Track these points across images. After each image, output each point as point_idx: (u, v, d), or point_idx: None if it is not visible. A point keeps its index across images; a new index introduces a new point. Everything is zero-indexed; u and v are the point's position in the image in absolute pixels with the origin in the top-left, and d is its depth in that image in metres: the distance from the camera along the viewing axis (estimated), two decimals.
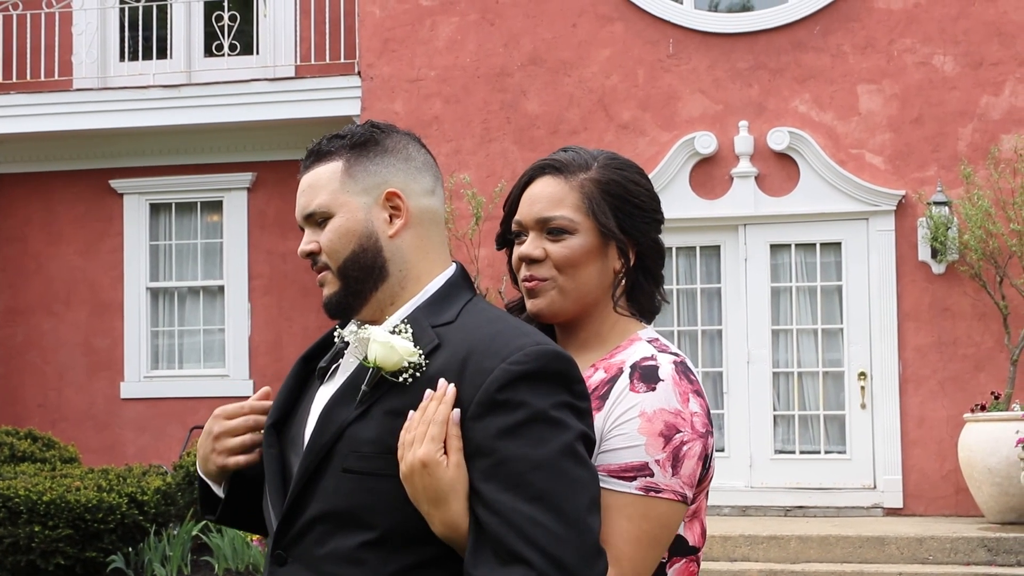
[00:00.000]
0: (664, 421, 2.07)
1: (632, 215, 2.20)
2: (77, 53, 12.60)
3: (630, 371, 2.11)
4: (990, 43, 10.56)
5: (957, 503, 10.28)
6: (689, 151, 10.88)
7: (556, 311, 2.20)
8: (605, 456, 2.06)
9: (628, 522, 2.03)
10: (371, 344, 1.97)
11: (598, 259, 2.19)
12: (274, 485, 2.09)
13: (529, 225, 2.21)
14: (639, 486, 2.05)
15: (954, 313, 10.44)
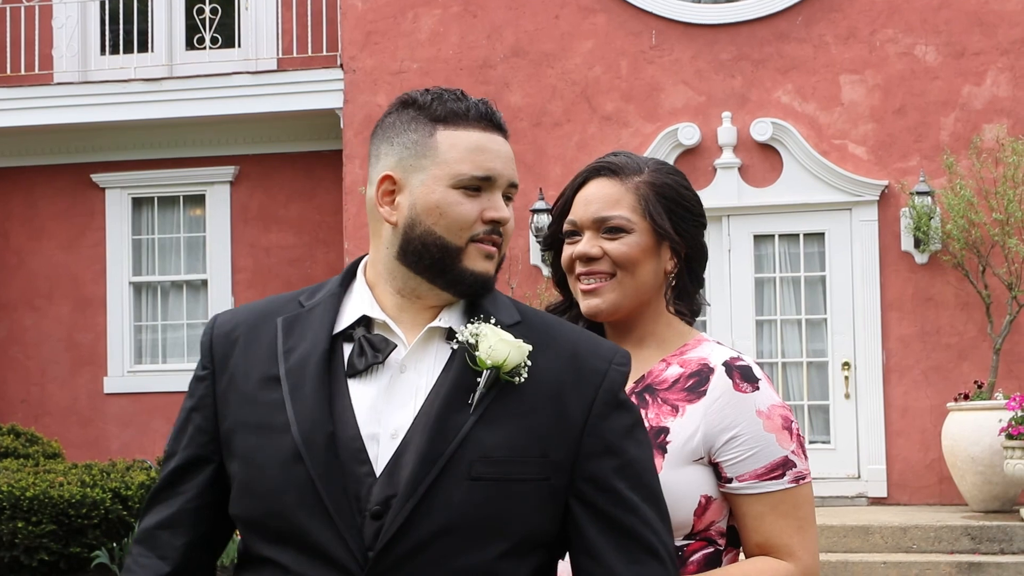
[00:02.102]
0: (780, 415, 2.19)
1: (684, 218, 2.27)
2: (58, 47, 12.54)
3: (726, 370, 2.20)
4: (972, 33, 10.58)
5: (941, 492, 10.32)
6: (672, 142, 10.88)
7: (614, 309, 2.25)
8: (743, 464, 2.15)
9: (785, 518, 2.14)
10: (498, 343, 1.87)
11: (653, 258, 2.25)
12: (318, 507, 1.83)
13: (585, 225, 2.26)
14: (790, 480, 2.16)
15: (937, 303, 10.47)
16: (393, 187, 1.94)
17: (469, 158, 1.92)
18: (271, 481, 1.85)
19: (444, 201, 1.91)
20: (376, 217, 1.98)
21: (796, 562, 2.13)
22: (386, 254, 1.95)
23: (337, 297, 1.96)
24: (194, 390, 1.97)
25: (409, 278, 1.93)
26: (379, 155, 1.97)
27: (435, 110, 1.93)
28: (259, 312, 1.98)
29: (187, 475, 1.96)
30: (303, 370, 1.88)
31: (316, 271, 12.28)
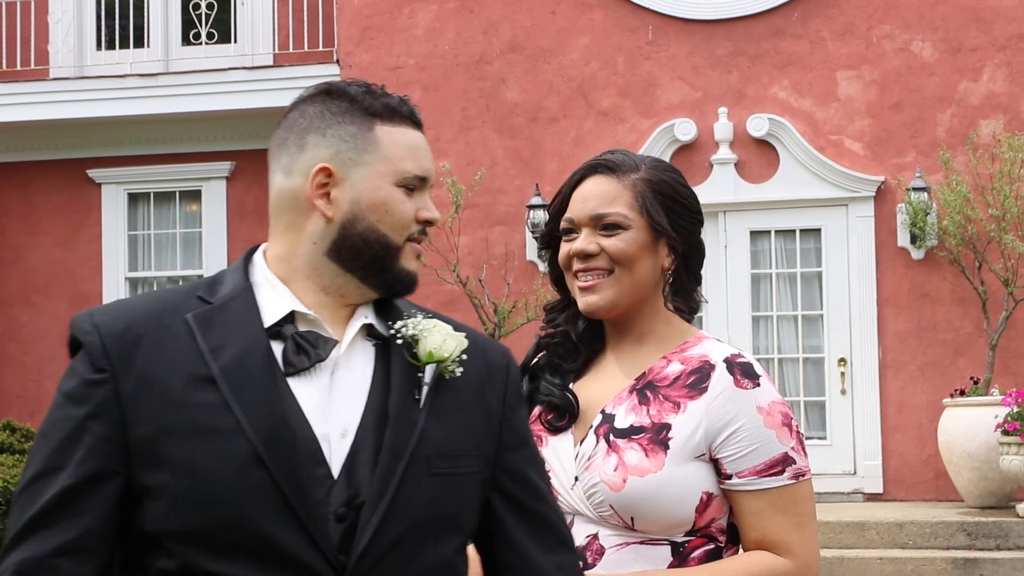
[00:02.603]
0: (780, 412, 2.19)
1: (680, 214, 2.28)
2: (53, 42, 12.52)
3: (727, 367, 2.21)
4: (968, 29, 10.58)
5: (937, 488, 10.33)
6: (669, 138, 10.88)
7: (611, 306, 2.24)
8: (743, 460, 2.16)
9: (783, 515, 2.15)
10: (448, 337, 1.87)
11: (650, 255, 2.25)
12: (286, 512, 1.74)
13: (582, 222, 2.26)
14: (789, 476, 2.17)
15: (933, 299, 10.48)
16: (328, 180, 1.86)
17: (410, 156, 1.90)
18: (224, 488, 1.73)
19: (390, 199, 1.87)
20: (298, 210, 1.88)
21: (794, 559, 2.15)
22: (312, 249, 1.87)
23: (250, 292, 1.86)
24: (86, 395, 1.77)
25: (337, 275, 1.87)
26: (304, 145, 1.88)
27: (370, 104, 1.89)
28: (154, 309, 1.83)
29: (88, 492, 1.74)
30: (244, 369, 1.78)
31: None
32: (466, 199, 10.75)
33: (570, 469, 2.21)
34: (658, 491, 2.13)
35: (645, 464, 2.14)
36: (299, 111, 1.91)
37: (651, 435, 2.16)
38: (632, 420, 2.19)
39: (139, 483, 1.75)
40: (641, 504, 2.13)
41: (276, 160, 1.92)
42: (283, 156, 1.91)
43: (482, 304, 10.55)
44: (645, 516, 2.14)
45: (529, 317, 10.38)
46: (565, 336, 2.31)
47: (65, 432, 1.77)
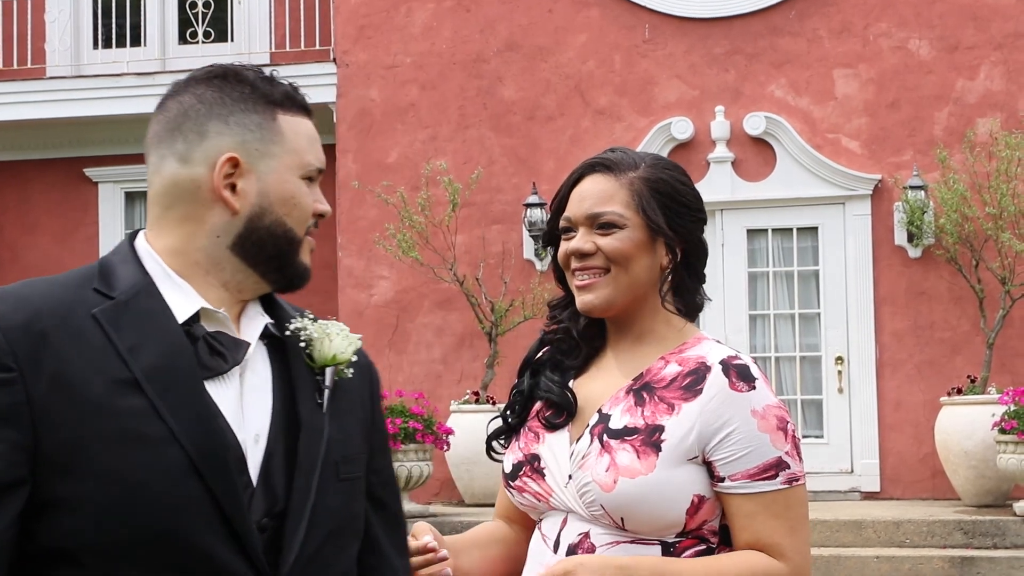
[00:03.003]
0: (775, 415, 2.17)
1: (680, 213, 2.26)
2: (50, 41, 12.51)
3: (722, 368, 2.19)
4: (965, 27, 10.58)
5: (934, 486, 10.33)
6: (666, 136, 10.88)
7: (607, 305, 2.23)
8: (736, 463, 2.15)
9: (776, 519, 2.14)
10: (347, 338, 1.84)
11: (647, 254, 2.24)
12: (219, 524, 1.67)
13: (579, 221, 2.26)
14: (783, 481, 2.16)
15: (930, 297, 10.48)
16: (233, 171, 1.75)
17: (311, 148, 1.82)
18: (156, 499, 1.62)
19: (298, 191, 1.79)
20: (198, 200, 1.76)
21: (787, 562, 2.13)
22: (214, 243, 1.76)
23: (154, 286, 1.73)
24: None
25: (239, 270, 1.78)
26: (205, 132, 1.75)
27: (269, 92, 1.81)
28: (51, 302, 1.68)
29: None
30: (168, 372, 1.66)
31: None
32: (463, 197, 10.74)
33: (565, 467, 2.21)
34: (648, 493, 2.12)
35: (636, 466, 2.13)
36: (194, 95, 1.78)
37: (644, 436, 2.16)
38: (627, 421, 2.18)
39: (49, 493, 1.61)
40: (631, 505, 2.13)
41: (168, 146, 1.77)
42: (178, 142, 1.76)
43: (479, 303, 10.55)
44: (635, 517, 2.13)
45: (526, 315, 10.37)
46: (567, 333, 2.30)
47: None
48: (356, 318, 11.35)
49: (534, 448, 2.26)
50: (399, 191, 10.81)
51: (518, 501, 2.29)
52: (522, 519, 2.35)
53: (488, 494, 9.64)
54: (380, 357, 11.31)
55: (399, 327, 11.30)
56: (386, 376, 11.17)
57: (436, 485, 10.78)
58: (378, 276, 11.36)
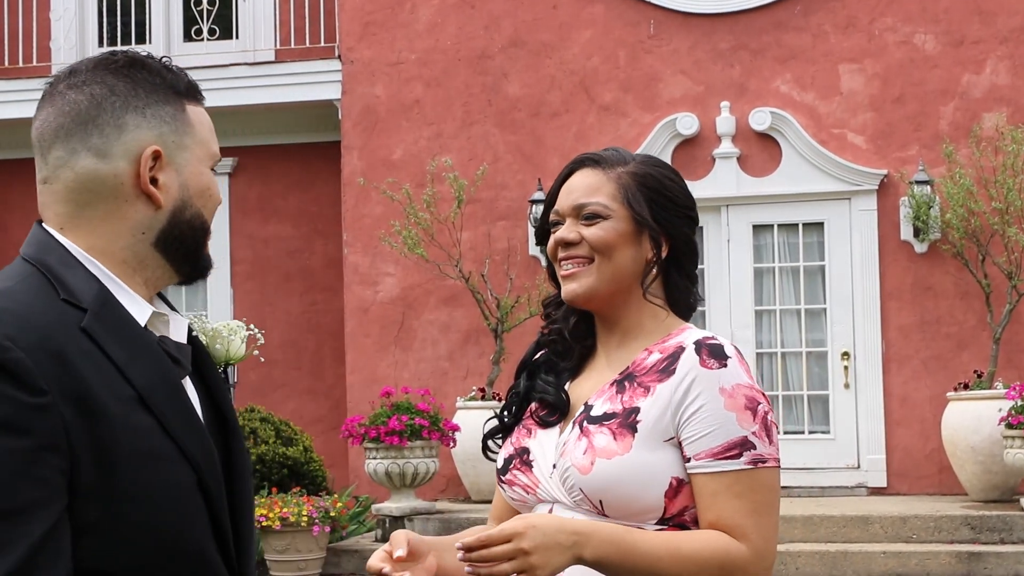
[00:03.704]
0: (744, 395, 2.15)
1: (666, 207, 2.27)
2: (55, 39, 12.52)
3: (695, 347, 2.19)
4: (971, 21, 10.56)
5: (940, 482, 10.32)
6: (671, 132, 10.87)
7: (590, 293, 2.25)
8: (700, 442, 2.13)
9: (739, 499, 2.11)
10: (242, 338, 1.85)
11: (631, 245, 2.25)
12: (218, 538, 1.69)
13: (566, 212, 2.29)
14: (747, 460, 2.13)
15: (936, 292, 10.46)
16: (154, 164, 1.71)
17: (214, 138, 1.80)
18: (179, 516, 1.63)
19: (211, 183, 1.78)
20: (120, 196, 1.70)
21: (749, 544, 2.10)
22: (139, 240, 1.70)
23: (109, 292, 1.67)
24: (28, 423, 1.51)
25: (159, 266, 1.74)
26: (123, 125, 1.70)
27: (175, 82, 1.76)
28: (42, 317, 1.60)
29: (60, 531, 1.53)
30: (164, 388, 1.65)
31: (315, 262, 12.27)
32: (468, 194, 10.74)
33: (551, 458, 2.23)
34: (625, 474, 2.12)
35: (613, 447, 2.14)
36: (105, 85, 1.71)
37: (621, 419, 2.17)
38: (606, 408, 2.20)
39: (84, 517, 1.56)
40: (609, 487, 2.13)
41: (80, 140, 1.70)
42: (93, 136, 1.69)
43: (485, 299, 10.55)
44: (613, 499, 2.13)
45: (532, 312, 10.37)
46: (560, 334, 2.33)
47: (15, 468, 1.50)
48: (361, 315, 11.36)
49: (524, 442, 2.29)
50: (404, 188, 10.81)
51: (509, 496, 2.31)
52: None
53: (494, 491, 9.64)
54: (386, 354, 11.31)
55: (405, 324, 11.30)
56: (392, 373, 11.17)
57: (442, 482, 10.78)
58: (384, 273, 11.36)
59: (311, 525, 9.09)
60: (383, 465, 9.67)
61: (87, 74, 1.73)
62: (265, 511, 9.05)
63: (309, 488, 10.29)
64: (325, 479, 10.76)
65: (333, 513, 9.23)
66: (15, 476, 1.49)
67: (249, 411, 10.76)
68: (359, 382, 11.24)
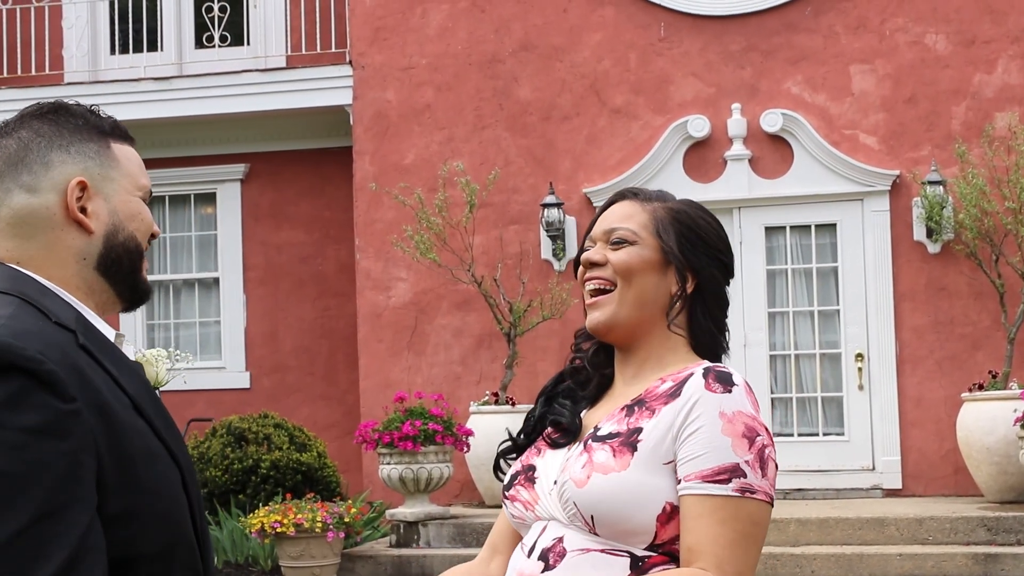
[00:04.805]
0: (744, 423, 2.14)
1: (695, 244, 2.30)
2: (68, 47, 12.56)
3: (703, 371, 2.19)
4: (982, 21, 10.53)
5: (956, 483, 10.28)
6: (682, 135, 10.86)
7: (612, 322, 2.27)
8: (693, 463, 2.12)
9: (722, 526, 2.09)
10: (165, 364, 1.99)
11: (655, 274, 2.27)
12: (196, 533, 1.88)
13: (598, 237, 2.33)
14: (735, 488, 2.10)
15: (950, 292, 10.43)
16: (82, 194, 1.86)
17: (142, 172, 1.96)
18: (177, 509, 1.81)
19: (141, 208, 1.93)
20: (55, 227, 1.85)
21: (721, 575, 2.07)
22: (82, 266, 1.86)
23: (82, 315, 1.84)
24: (68, 428, 1.66)
25: (104, 290, 1.90)
26: (49, 163, 1.86)
27: (99, 123, 1.93)
28: (54, 337, 1.75)
29: (97, 525, 1.68)
30: (149, 396, 1.84)
31: (327, 268, 12.28)
32: (480, 198, 10.74)
33: (553, 475, 2.24)
34: (619, 491, 2.12)
35: (611, 463, 2.14)
36: (31, 129, 1.89)
37: (623, 438, 2.17)
38: (612, 428, 2.20)
39: (107, 510, 1.70)
40: (601, 502, 2.12)
41: (12, 179, 1.86)
42: (23, 174, 1.86)
43: (497, 303, 10.54)
44: (605, 516, 2.12)
45: (544, 316, 10.37)
46: (582, 364, 2.37)
47: (61, 469, 1.64)
48: (374, 320, 11.37)
49: (532, 460, 2.31)
50: (416, 192, 10.81)
51: (510, 513, 2.31)
52: (510, 547, 2.36)
53: None
54: (399, 359, 11.32)
55: (417, 329, 11.30)
56: (405, 378, 11.18)
57: (456, 487, 10.78)
58: (396, 278, 11.36)
59: (325, 531, 9.09)
60: (397, 470, 9.67)
61: (16, 123, 1.91)
62: (279, 517, 9.05)
63: (323, 494, 10.29)
64: (339, 485, 10.77)
65: (347, 519, 9.23)
66: (62, 477, 1.64)
67: (263, 417, 10.78)
68: (372, 387, 11.25)
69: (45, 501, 1.62)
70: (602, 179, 10.90)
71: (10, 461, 1.62)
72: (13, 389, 1.65)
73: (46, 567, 1.60)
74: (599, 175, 10.94)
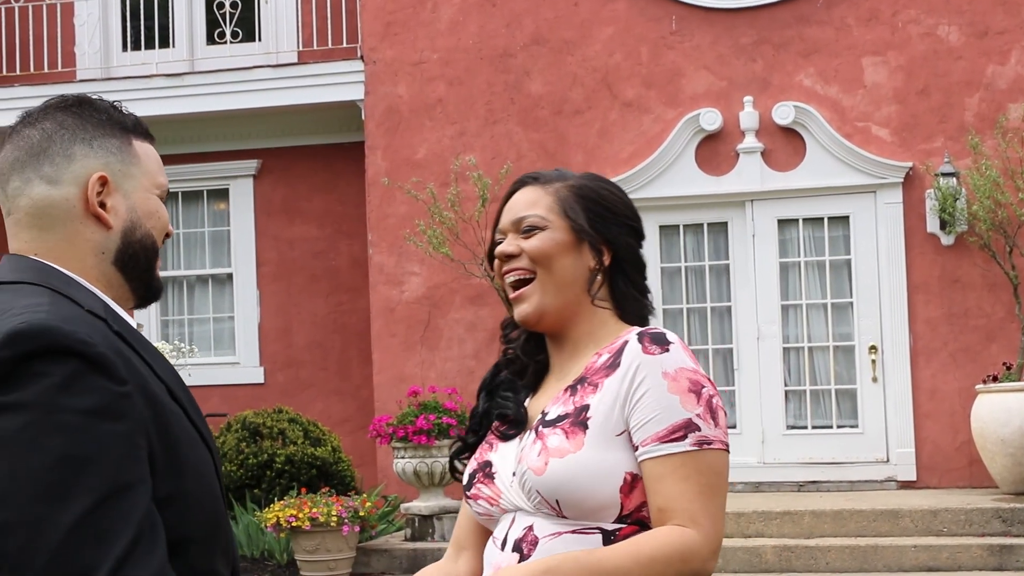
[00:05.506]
0: (687, 379, 2.17)
1: (604, 217, 2.31)
2: (80, 44, 12.59)
3: (637, 337, 2.22)
4: (995, 12, 10.50)
5: (971, 475, 10.27)
6: (694, 128, 10.85)
7: (540, 311, 2.28)
8: (646, 427, 2.15)
9: (685, 482, 2.12)
10: None
11: (571, 254, 2.29)
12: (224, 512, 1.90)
13: (507, 229, 2.34)
14: (692, 442, 2.14)
15: (964, 284, 10.41)
16: (102, 189, 1.88)
17: (161, 171, 1.97)
18: (214, 494, 1.84)
19: (158, 207, 1.94)
20: (74, 220, 1.86)
21: (699, 529, 2.11)
22: (100, 260, 1.88)
23: (108, 304, 1.86)
24: (123, 409, 1.68)
25: (120, 285, 1.91)
26: (72, 155, 1.87)
27: (122, 119, 1.94)
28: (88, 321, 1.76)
29: (154, 508, 1.71)
30: (179, 383, 1.86)
31: (340, 263, 12.30)
32: (492, 192, 10.73)
33: (511, 467, 2.26)
34: (579, 471, 2.14)
35: (565, 446, 2.16)
36: (55, 121, 1.90)
37: (572, 418, 2.19)
38: (560, 411, 2.23)
39: (158, 494, 1.73)
40: (563, 486, 2.14)
41: (34, 169, 1.87)
42: (45, 165, 1.87)
43: None
44: (569, 498, 2.15)
45: None
46: (515, 354, 2.38)
47: (120, 450, 1.66)
48: (388, 314, 11.39)
49: (487, 456, 2.32)
50: (428, 187, 10.82)
51: (476, 511, 2.33)
52: (475, 543, 2.39)
53: None
54: (412, 353, 11.33)
55: (431, 323, 11.32)
56: (418, 372, 11.19)
57: None
58: (409, 272, 11.38)
59: (340, 525, 9.11)
60: (411, 464, 9.69)
61: (40, 113, 1.91)
62: (295, 511, 9.08)
63: (338, 488, 10.32)
64: (354, 479, 10.80)
65: (362, 513, 9.26)
66: (122, 457, 1.66)
67: (277, 412, 10.80)
68: (386, 382, 11.27)
69: (108, 482, 1.64)
70: (614, 173, 10.90)
71: (72, 444, 1.63)
72: (68, 372, 1.65)
73: (115, 546, 1.61)
74: (611, 169, 10.94)
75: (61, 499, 1.61)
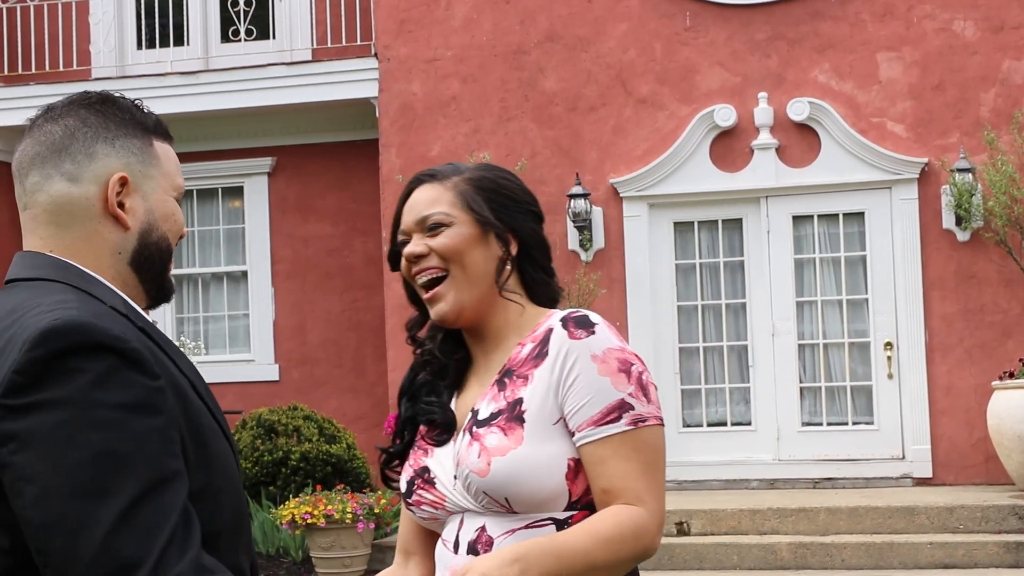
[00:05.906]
0: (616, 359, 2.18)
1: (506, 206, 2.31)
2: (95, 42, 12.62)
3: (561, 323, 2.23)
4: (1010, 6, 10.46)
5: (987, 471, 10.24)
6: (709, 124, 10.83)
7: (458, 308, 2.28)
8: (581, 412, 2.16)
9: (628, 461, 2.14)
10: None
11: (480, 247, 2.28)
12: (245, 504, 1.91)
13: (411, 229, 2.32)
14: (628, 422, 2.15)
15: (980, 280, 10.38)
16: (122, 189, 1.88)
17: (179, 173, 1.98)
18: (238, 488, 1.85)
19: (174, 209, 1.94)
20: (93, 219, 1.86)
21: (645, 506, 2.13)
22: (117, 260, 1.88)
23: (127, 301, 1.88)
24: (158, 404, 1.69)
25: (135, 286, 1.91)
26: (94, 153, 1.87)
27: (144, 119, 1.95)
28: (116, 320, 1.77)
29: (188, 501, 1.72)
30: (200, 378, 1.87)
31: (354, 260, 12.31)
32: None
33: (450, 470, 2.25)
34: (522, 466, 2.15)
35: (505, 443, 2.16)
36: (78, 117, 1.89)
37: (507, 414, 2.19)
38: (492, 408, 2.22)
39: (190, 487, 1.73)
40: (509, 483, 2.15)
41: (55, 166, 1.86)
42: (66, 162, 1.86)
43: None
44: (518, 494, 2.15)
45: (571, 307, 10.36)
46: (431, 354, 2.37)
47: (158, 444, 1.67)
48: (402, 311, 11.37)
49: (423, 461, 2.31)
50: None
51: (419, 517, 2.32)
52: (422, 546, 2.39)
53: None
54: None
55: None
56: None
57: None
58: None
59: (356, 522, 9.12)
60: None
61: (62, 109, 1.90)
62: (310, 508, 9.10)
63: (353, 485, 10.33)
64: (369, 476, 10.81)
65: (377, 510, 9.27)
66: (159, 451, 1.67)
67: (292, 409, 10.82)
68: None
69: (148, 476, 1.64)
70: (628, 170, 10.89)
71: (110, 440, 1.63)
72: (103, 368, 1.65)
73: (157, 540, 1.61)
74: (625, 166, 10.93)
75: (101, 496, 1.61)
